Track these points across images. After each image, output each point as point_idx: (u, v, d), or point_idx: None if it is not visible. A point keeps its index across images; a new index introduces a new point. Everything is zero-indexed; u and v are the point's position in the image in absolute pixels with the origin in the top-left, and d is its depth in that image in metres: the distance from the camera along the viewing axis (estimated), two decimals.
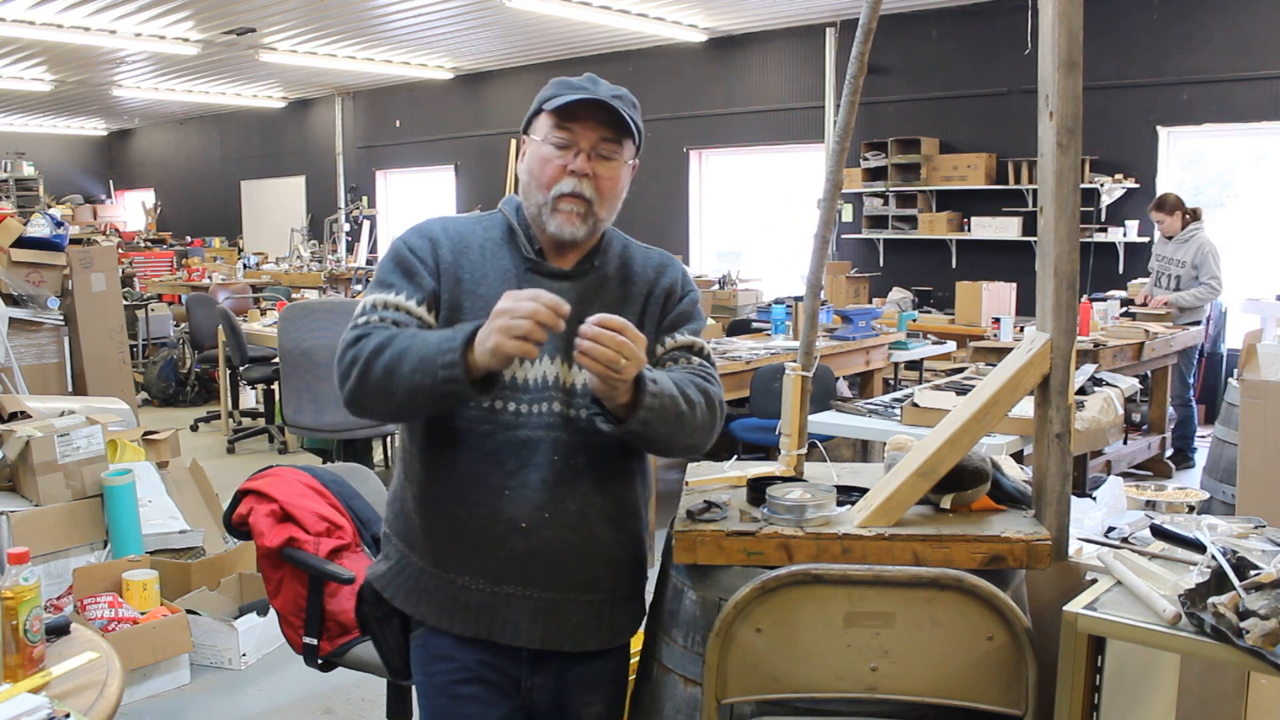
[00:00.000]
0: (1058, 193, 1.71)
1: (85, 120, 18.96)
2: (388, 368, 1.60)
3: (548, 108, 1.71)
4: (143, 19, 10.15)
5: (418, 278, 1.73)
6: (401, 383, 1.59)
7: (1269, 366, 3.60)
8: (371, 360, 1.61)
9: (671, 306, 1.82)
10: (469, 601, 1.73)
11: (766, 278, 10.35)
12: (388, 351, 1.61)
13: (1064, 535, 1.74)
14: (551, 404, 1.70)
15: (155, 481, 4.22)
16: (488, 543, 1.71)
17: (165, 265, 13.11)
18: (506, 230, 1.79)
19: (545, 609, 1.73)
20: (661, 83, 11.35)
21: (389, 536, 1.84)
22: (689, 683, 1.74)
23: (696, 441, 1.74)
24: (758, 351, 5.73)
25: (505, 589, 1.72)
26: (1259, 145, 8.35)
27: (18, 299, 5.44)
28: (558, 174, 1.70)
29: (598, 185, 1.71)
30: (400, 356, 1.59)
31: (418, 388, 1.58)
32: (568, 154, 1.70)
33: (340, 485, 2.82)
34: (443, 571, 1.74)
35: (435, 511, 1.75)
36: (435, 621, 1.76)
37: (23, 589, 1.78)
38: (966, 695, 1.59)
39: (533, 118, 1.76)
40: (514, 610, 1.72)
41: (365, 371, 1.62)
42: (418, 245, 1.76)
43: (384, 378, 1.60)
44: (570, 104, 1.68)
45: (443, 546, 1.74)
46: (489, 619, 1.72)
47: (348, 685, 3.53)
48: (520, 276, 1.74)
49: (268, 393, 7.59)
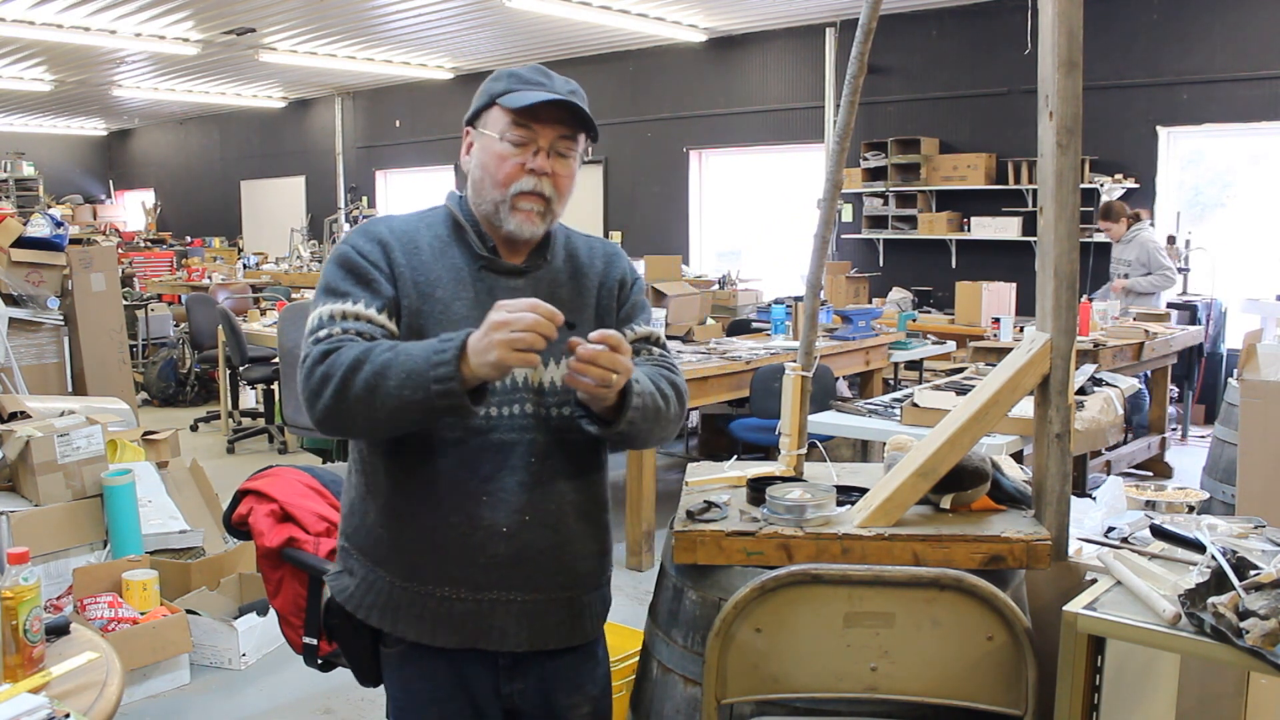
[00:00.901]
0: (1058, 193, 1.71)
1: (85, 120, 18.96)
2: (369, 384, 1.52)
3: (506, 104, 1.66)
4: (143, 19, 10.15)
5: (374, 284, 1.66)
6: (387, 400, 1.52)
7: (1269, 366, 3.60)
8: (349, 377, 1.53)
9: (625, 297, 1.82)
10: (451, 612, 1.68)
11: (766, 278, 10.34)
12: (366, 367, 1.53)
13: (1064, 535, 1.74)
14: (524, 405, 1.68)
15: (155, 481, 4.22)
16: (467, 551, 1.67)
17: (165, 265, 13.11)
18: (453, 226, 1.75)
19: (530, 611, 1.70)
20: (661, 83, 11.35)
21: (349, 551, 1.77)
22: (689, 683, 1.74)
23: (669, 434, 1.75)
24: (758, 351, 5.73)
25: (489, 595, 1.68)
26: (1259, 145, 8.35)
27: (18, 299, 5.44)
28: (516, 172, 1.67)
29: (556, 183, 1.69)
30: (383, 371, 1.52)
31: (406, 403, 1.51)
32: (525, 151, 1.67)
33: (340, 485, 2.82)
34: (418, 585, 1.69)
35: (407, 524, 1.69)
36: (416, 636, 1.70)
37: (23, 589, 1.77)
38: (966, 695, 1.59)
39: (482, 110, 1.71)
40: (499, 616, 1.69)
41: (342, 388, 1.54)
42: (368, 250, 1.68)
43: (365, 394, 1.53)
44: (534, 105, 1.64)
45: (417, 559, 1.69)
46: (474, 628, 1.69)
47: (348, 685, 3.52)
48: (474, 275, 1.70)
49: (268, 393, 7.59)
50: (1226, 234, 8.39)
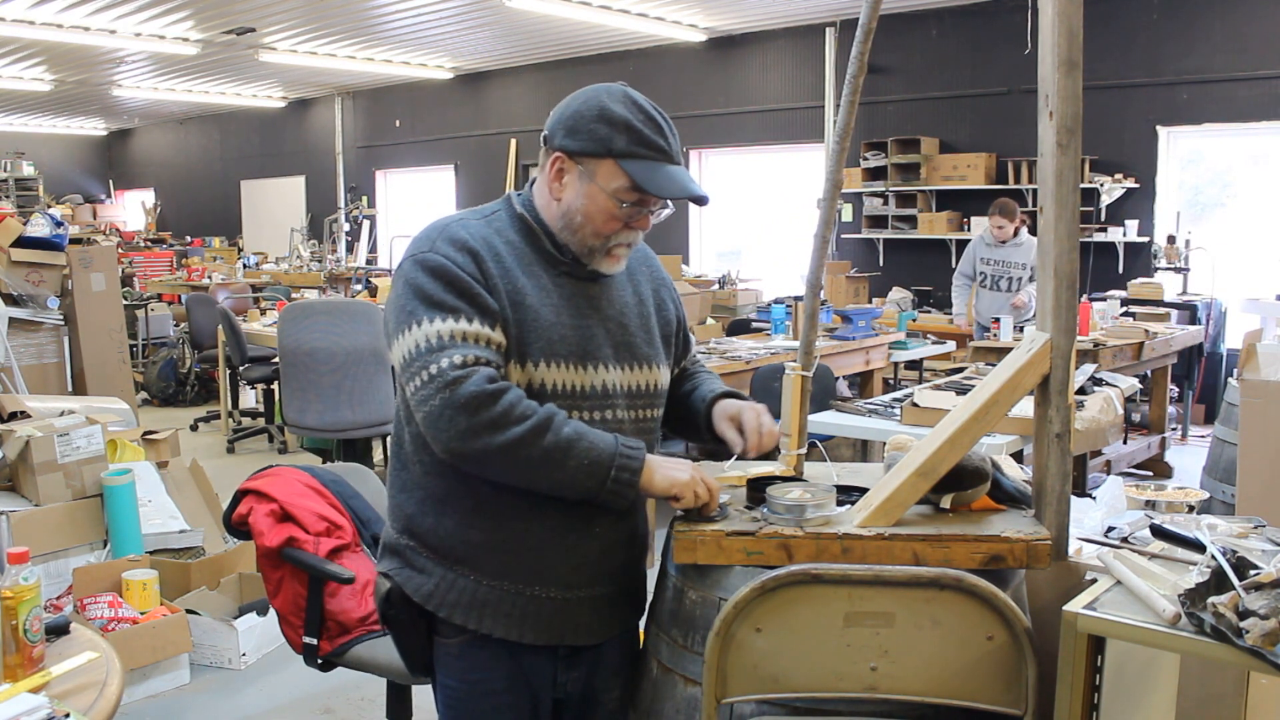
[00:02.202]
0: (1058, 193, 1.71)
1: (85, 120, 18.96)
2: (549, 454, 1.59)
3: (634, 176, 1.66)
4: (142, 19, 10.15)
5: (479, 299, 1.65)
6: (558, 473, 1.61)
7: (1269, 366, 3.60)
8: (532, 439, 1.59)
9: (671, 305, 1.94)
10: (541, 611, 1.73)
11: (766, 278, 10.35)
12: (549, 435, 1.59)
13: (1064, 535, 1.74)
14: (615, 410, 1.76)
15: (155, 481, 4.22)
16: (562, 551, 1.72)
17: (165, 265, 13.12)
18: (524, 232, 1.76)
19: (607, 603, 1.79)
20: (661, 83, 11.34)
21: (415, 550, 1.77)
22: (689, 683, 1.74)
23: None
24: (758, 351, 5.74)
25: (578, 593, 1.75)
26: (1259, 145, 8.35)
27: (18, 299, 5.44)
28: (619, 227, 1.72)
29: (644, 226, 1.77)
30: (567, 449, 1.60)
31: (574, 481, 1.62)
32: (631, 212, 1.71)
33: (340, 485, 2.82)
34: (509, 584, 1.72)
35: (501, 526, 1.71)
36: (504, 634, 1.73)
37: (23, 589, 1.77)
38: (966, 695, 1.59)
39: (592, 156, 1.68)
40: (585, 612, 1.76)
41: (520, 445, 1.58)
42: (461, 261, 1.66)
43: (541, 459, 1.59)
44: (663, 187, 1.67)
45: (509, 560, 1.72)
46: (562, 625, 1.75)
47: (348, 685, 3.53)
48: (555, 281, 1.74)
49: (268, 393, 7.59)
50: (1226, 234, 8.39)
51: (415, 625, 1.80)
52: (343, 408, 5.12)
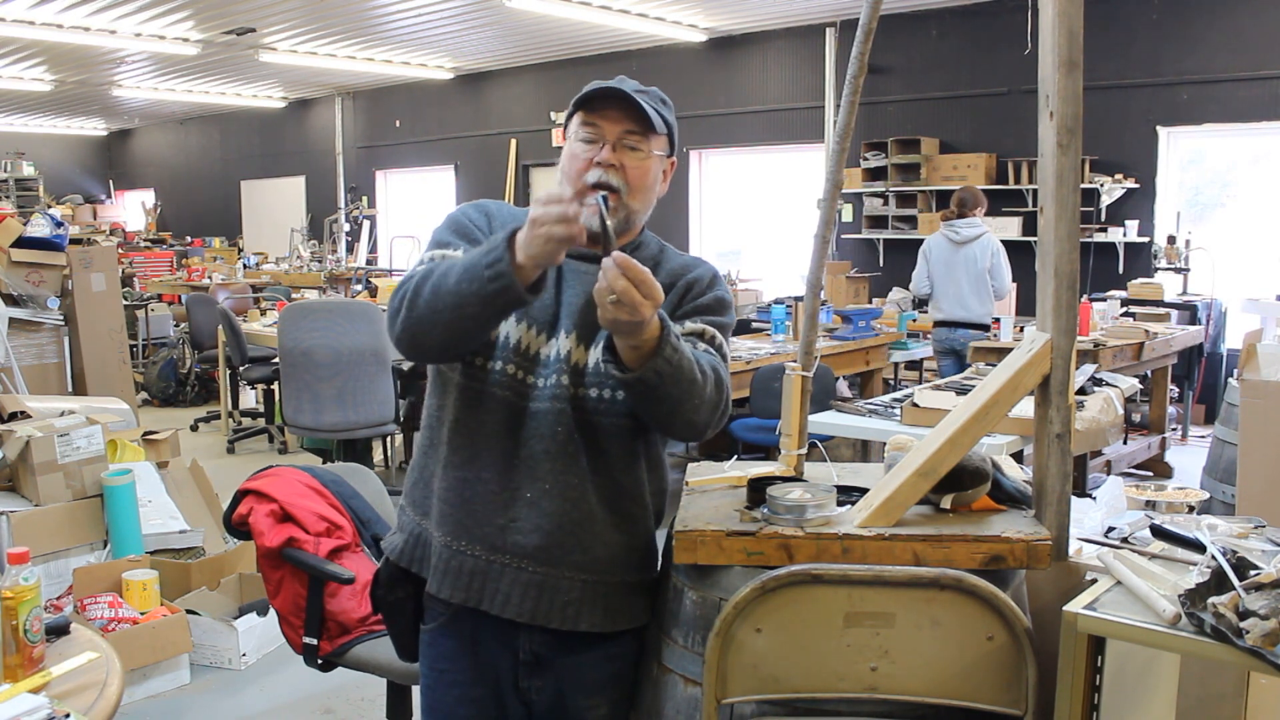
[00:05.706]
0: (1058, 193, 1.71)
1: (85, 120, 18.95)
2: (434, 288, 1.62)
3: (574, 102, 1.75)
4: (143, 19, 10.15)
5: (474, 238, 1.77)
6: (448, 297, 1.60)
7: (1269, 366, 3.60)
8: (419, 287, 1.64)
9: (691, 298, 1.81)
10: (462, 566, 1.74)
11: (766, 278, 10.35)
12: (433, 276, 1.64)
13: (1064, 535, 1.74)
14: (560, 377, 1.72)
15: (155, 481, 4.22)
16: (492, 509, 1.73)
17: (165, 265, 13.11)
18: None
19: (538, 583, 1.73)
20: (661, 83, 11.08)
21: (404, 509, 1.87)
22: (689, 683, 1.74)
23: (701, 418, 1.69)
24: (758, 351, 5.74)
25: (500, 558, 1.73)
26: (1259, 145, 8.35)
27: (18, 299, 5.44)
28: (585, 167, 1.72)
29: (626, 175, 1.73)
30: (444, 274, 1.62)
31: (465, 297, 1.58)
32: (594, 148, 1.73)
33: (340, 485, 2.82)
34: (444, 535, 1.76)
35: (451, 475, 1.76)
36: (434, 589, 1.77)
37: (23, 589, 1.78)
38: (966, 695, 1.59)
39: (567, 123, 1.79)
40: (505, 580, 1.73)
41: (413, 299, 1.64)
42: (474, 216, 1.83)
43: (430, 298, 1.62)
44: (592, 97, 1.72)
45: (448, 510, 1.76)
46: (480, 586, 1.74)
47: (348, 685, 3.53)
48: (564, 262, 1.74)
49: (268, 393, 7.59)
50: (1226, 234, 8.39)
51: (403, 609, 1.85)
52: (343, 408, 5.13)
